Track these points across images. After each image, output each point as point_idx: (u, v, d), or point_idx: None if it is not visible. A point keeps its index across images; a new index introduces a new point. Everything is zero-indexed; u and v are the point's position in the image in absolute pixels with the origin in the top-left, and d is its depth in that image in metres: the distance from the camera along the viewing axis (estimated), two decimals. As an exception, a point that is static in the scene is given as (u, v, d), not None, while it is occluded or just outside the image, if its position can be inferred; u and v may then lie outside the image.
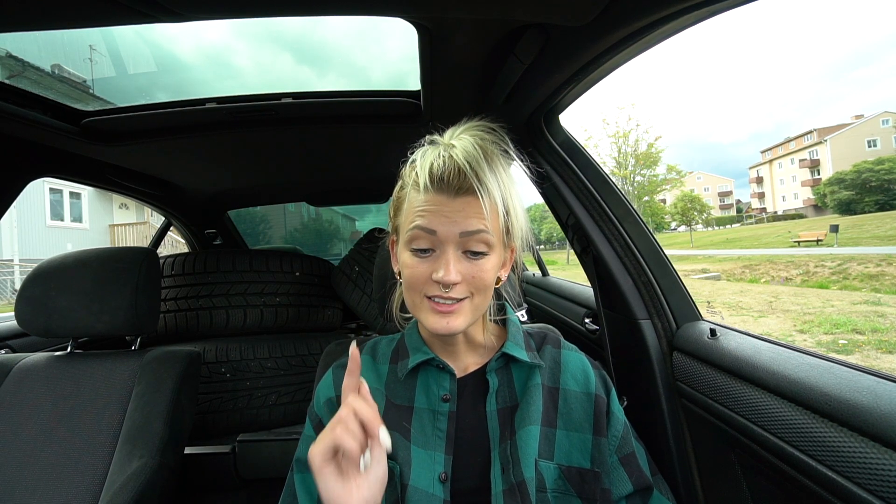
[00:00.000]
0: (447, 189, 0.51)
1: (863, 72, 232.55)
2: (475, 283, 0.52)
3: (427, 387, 0.60)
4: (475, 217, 0.51)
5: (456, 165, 0.50)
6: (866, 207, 31.12)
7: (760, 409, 0.66)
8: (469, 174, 0.50)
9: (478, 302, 0.54)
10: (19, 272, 10.68)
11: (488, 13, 0.65)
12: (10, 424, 0.91)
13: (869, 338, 5.01)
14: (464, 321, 0.53)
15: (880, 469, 0.49)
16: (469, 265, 0.52)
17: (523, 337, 0.64)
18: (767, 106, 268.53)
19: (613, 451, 0.58)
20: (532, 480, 0.51)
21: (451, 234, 0.51)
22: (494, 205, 0.51)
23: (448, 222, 0.51)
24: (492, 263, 0.53)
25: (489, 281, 0.53)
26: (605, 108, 47.57)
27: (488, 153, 0.52)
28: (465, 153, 0.51)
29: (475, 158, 0.50)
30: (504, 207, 0.52)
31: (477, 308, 0.54)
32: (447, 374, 0.59)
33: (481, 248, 0.52)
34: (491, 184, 0.50)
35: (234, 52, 1.63)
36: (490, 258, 0.53)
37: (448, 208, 0.51)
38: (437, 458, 0.55)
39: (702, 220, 37.06)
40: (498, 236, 0.53)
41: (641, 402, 0.97)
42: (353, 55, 1.59)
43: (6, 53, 1.11)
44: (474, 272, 0.52)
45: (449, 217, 0.51)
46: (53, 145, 1.14)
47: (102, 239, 13.32)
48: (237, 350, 1.53)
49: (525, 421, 0.55)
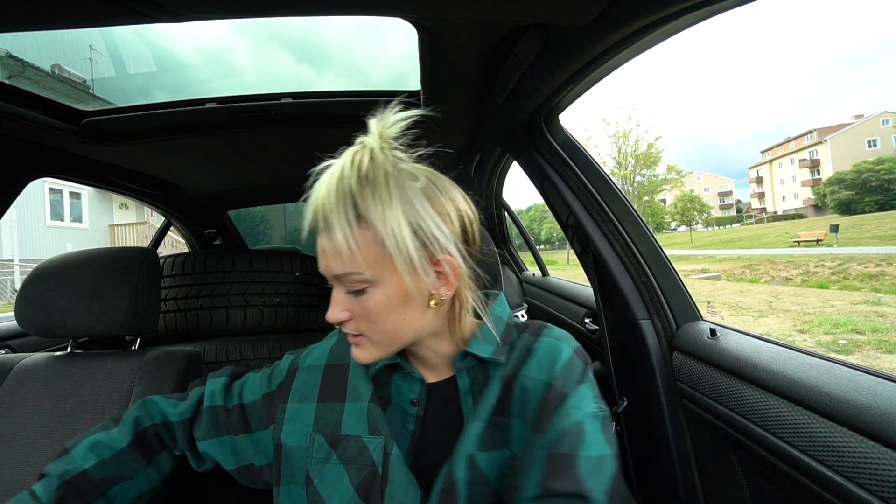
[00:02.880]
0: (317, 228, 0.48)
1: (866, 70, 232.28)
2: (364, 318, 0.49)
3: (399, 388, 0.59)
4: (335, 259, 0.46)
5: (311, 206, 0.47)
6: (866, 207, 31.12)
7: (760, 409, 0.66)
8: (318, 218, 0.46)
9: (377, 338, 0.50)
10: (19, 272, 10.68)
11: (488, 13, 0.65)
12: (10, 424, 0.91)
13: (869, 338, 5.01)
14: (370, 354, 0.51)
15: (880, 469, 0.49)
16: (354, 302, 0.48)
17: (505, 330, 0.58)
18: (770, 105, 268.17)
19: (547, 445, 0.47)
20: (462, 481, 0.48)
21: (329, 274, 0.48)
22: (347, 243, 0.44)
23: (323, 263, 0.48)
24: (378, 298, 0.47)
25: (381, 314, 0.48)
26: (605, 108, 47.61)
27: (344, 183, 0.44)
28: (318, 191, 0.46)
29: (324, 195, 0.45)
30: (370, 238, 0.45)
31: (382, 342, 0.51)
32: (416, 379, 0.57)
33: (357, 286, 0.47)
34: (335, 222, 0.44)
35: (234, 51, 1.62)
36: (372, 294, 0.47)
37: (322, 248, 0.48)
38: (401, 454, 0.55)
39: (702, 220, 37.06)
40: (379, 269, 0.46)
41: (641, 402, 0.97)
42: (353, 54, 1.59)
43: (6, 53, 1.11)
44: (359, 309, 0.49)
45: (322, 258, 0.48)
46: (53, 145, 1.14)
47: (102, 239, 13.32)
48: (237, 350, 1.53)
49: (470, 418, 0.53)
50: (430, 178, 0.49)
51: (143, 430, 0.63)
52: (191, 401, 0.66)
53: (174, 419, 0.64)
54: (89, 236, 12.95)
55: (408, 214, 0.45)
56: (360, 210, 0.44)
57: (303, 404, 0.60)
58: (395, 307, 0.48)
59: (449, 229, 0.48)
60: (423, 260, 0.46)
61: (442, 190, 0.50)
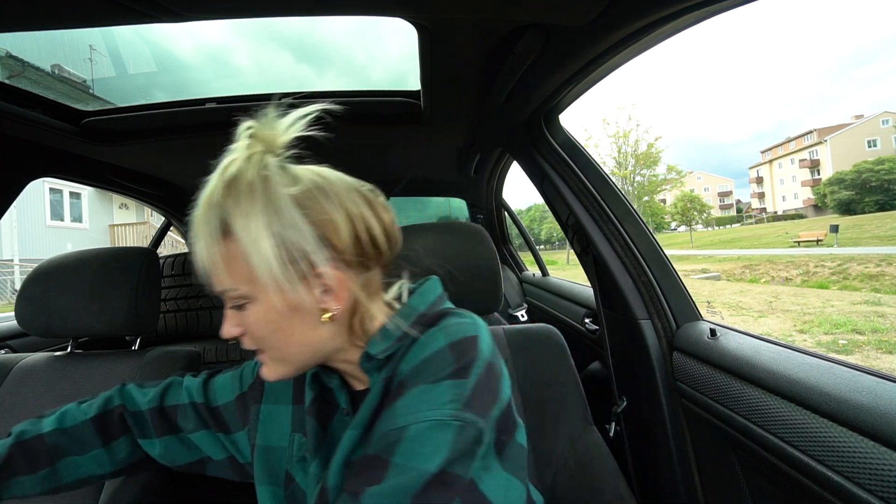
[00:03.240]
0: None
1: (866, 70, 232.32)
2: (252, 335, 0.47)
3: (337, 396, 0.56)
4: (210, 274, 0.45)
5: None
6: (866, 207, 31.12)
7: (760, 409, 0.66)
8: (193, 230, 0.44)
9: (276, 354, 0.48)
10: (19, 272, 10.68)
11: (488, 13, 0.65)
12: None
13: (869, 338, 5.01)
14: (273, 372, 0.49)
15: (880, 469, 0.49)
16: (240, 317, 0.46)
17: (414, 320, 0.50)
18: (770, 105, 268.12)
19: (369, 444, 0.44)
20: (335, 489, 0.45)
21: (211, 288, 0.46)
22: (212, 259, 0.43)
23: None
24: (256, 315, 0.45)
25: (261, 332, 0.46)
26: (605, 108, 47.62)
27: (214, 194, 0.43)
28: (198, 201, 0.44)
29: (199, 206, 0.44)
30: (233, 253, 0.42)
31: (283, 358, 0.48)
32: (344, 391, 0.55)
33: (236, 301, 0.45)
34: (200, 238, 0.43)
35: (234, 50, 1.62)
36: (252, 310, 0.45)
37: None
38: None
39: (702, 220, 37.06)
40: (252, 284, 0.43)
41: (641, 402, 0.97)
42: (352, 54, 1.59)
43: (6, 53, 1.11)
44: (244, 324, 0.47)
45: None
46: (53, 145, 1.14)
47: (102, 239, 13.32)
48: (237, 350, 1.54)
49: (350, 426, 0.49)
50: (315, 183, 0.45)
51: (112, 409, 0.60)
52: (160, 389, 0.63)
53: (143, 407, 0.61)
54: (89, 236, 12.95)
55: (272, 226, 0.40)
56: (227, 222, 0.41)
57: (278, 406, 0.59)
58: (278, 323, 0.45)
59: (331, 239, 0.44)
60: (295, 275, 0.42)
61: (329, 194, 0.45)
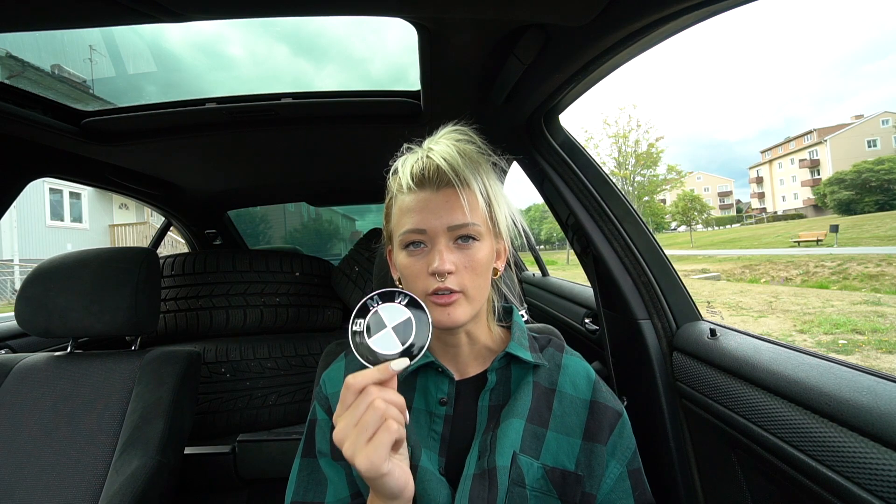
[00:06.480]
0: (429, 185, 0.55)
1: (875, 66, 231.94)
2: (469, 270, 0.54)
3: (425, 389, 0.60)
4: (459, 210, 0.53)
5: (433, 163, 0.54)
6: (866, 207, 31.13)
7: (760, 409, 0.66)
8: (446, 169, 0.53)
9: (474, 293, 0.55)
10: (19, 272, 10.68)
11: (488, 13, 0.65)
12: (10, 424, 0.91)
13: (869, 338, 5.01)
14: (464, 312, 0.54)
15: (880, 469, 0.49)
16: (461, 255, 0.54)
17: (528, 339, 0.64)
18: (777, 101, 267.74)
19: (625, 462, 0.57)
20: (505, 469, 0.52)
21: (439, 227, 0.54)
22: (475, 196, 0.54)
23: (434, 217, 0.54)
24: (483, 252, 0.55)
25: (483, 268, 0.55)
26: (605, 109, 47.59)
27: (463, 151, 0.56)
28: (442, 152, 0.55)
29: (451, 155, 0.54)
30: (485, 198, 0.56)
31: (475, 298, 0.55)
32: (446, 377, 0.59)
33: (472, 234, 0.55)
34: (468, 176, 0.54)
35: (229, 41, 1.62)
36: (480, 246, 0.55)
37: (433, 204, 0.54)
38: (432, 457, 0.56)
39: (702, 220, 37.07)
40: (485, 226, 0.56)
41: (641, 402, 0.97)
42: (351, 47, 1.58)
43: (6, 53, 1.10)
44: (466, 261, 0.54)
45: (434, 212, 0.54)
46: (53, 145, 1.14)
47: (102, 239, 13.32)
48: (237, 350, 1.53)
49: (509, 414, 0.56)
50: None
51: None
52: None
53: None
54: (89, 236, 12.96)
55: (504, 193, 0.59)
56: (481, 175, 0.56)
57: None
58: (488, 265, 0.57)
59: None
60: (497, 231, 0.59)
61: None
